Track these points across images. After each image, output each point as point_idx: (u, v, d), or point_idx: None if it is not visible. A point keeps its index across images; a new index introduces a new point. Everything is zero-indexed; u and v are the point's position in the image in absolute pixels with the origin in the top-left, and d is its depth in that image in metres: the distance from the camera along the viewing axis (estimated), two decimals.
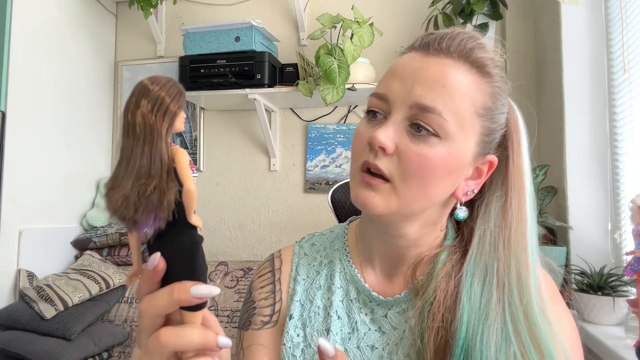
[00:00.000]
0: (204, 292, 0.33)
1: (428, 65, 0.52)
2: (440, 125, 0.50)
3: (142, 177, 0.31)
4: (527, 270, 0.52)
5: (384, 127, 0.51)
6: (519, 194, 0.56)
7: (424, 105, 0.50)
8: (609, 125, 1.41)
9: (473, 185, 0.56)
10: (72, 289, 1.65)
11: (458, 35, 0.53)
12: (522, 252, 0.53)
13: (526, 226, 0.54)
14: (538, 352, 0.48)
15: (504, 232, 0.54)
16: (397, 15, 1.99)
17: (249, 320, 0.64)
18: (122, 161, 0.32)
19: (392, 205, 0.52)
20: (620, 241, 1.31)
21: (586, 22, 1.45)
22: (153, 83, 0.34)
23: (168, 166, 0.32)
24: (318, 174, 2.01)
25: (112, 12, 2.25)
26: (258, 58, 1.80)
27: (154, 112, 0.32)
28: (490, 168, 0.56)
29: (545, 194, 1.50)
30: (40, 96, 1.77)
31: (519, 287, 0.51)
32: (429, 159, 0.50)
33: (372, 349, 0.57)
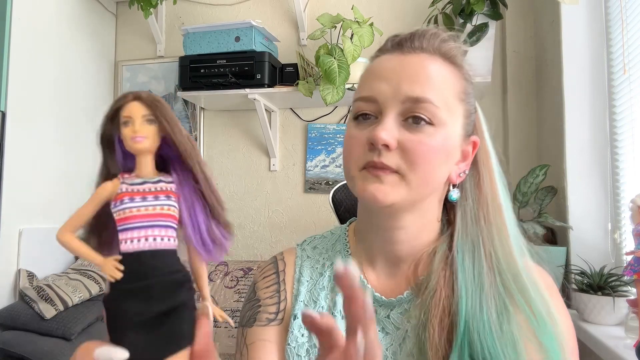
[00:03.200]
0: (105, 356, 0.28)
1: (408, 62, 0.56)
2: (433, 114, 0.54)
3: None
4: (507, 238, 0.56)
5: (383, 125, 0.53)
6: (488, 170, 0.60)
7: (417, 97, 0.53)
8: (609, 125, 1.41)
9: (463, 167, 0.59)
10: (72, 289, 1.65)
11: (425, 32, 0.58)
12: (501, 222, 0.57)
13: (500, 199, 0.59)
14: (532, 313, 0.51)
15: (482, 207, 0.58)
16: (397, 15, 1.99)
17: (253, 317, 0.64)
18: None
19: (401, 192, 0.54)
20: (620, 241, 1.31)
21: (586, 22, 1.45)
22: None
23: None
24: (318, 174, 2.01)
25: (112, 12, 2.25)
26: (258, 58, 1.80)
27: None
28: (474, 148, 0.60)
29: (545, 194, 1.50)
30: (40, 96, 1.77)
31: (504, 255, 0.55)
32: (430, 146, 0.53)
33: None
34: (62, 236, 0.30)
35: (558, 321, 0.53)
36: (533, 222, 1.41)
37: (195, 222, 0.32)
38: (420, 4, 1.93)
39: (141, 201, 0.30)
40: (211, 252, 0.32)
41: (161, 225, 0.31)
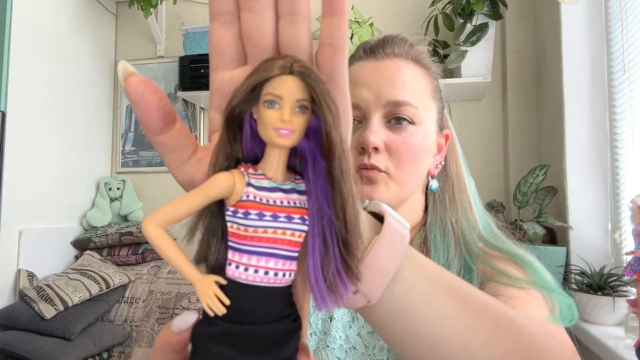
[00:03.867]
0: (180, 323, 0.25)
1: (384, 67, 0.60)
2: (414, 114, 0.58)
3: None
4: (472, 212, 0.61)
5: (371, 129, 0.57)
6: (454, 156, 0.65)
7: (397, 100, 0.57)
8: (609, 125, 1.41)
9: (439, 159, 0.64)
10: (72, 289, 1.65)
11: (395, 39, 0.62)
12: (465, 201, 0.62)
13: (464, 180, 0.64)
14: (498, 266, 0.54)
15: (448, 189, 0.63)
16: (397, 15, 1.99)
17: None
18: None
19: (392, 190, 0.57)
20: (620, 241, 1.31)
21: (586, 22, 1.45)
22: None
23: None
24: None
25: (112, 12, 2.25)
26: None
27: None
28: (446, 140, 0.64)
29: (545, 194, 1.50)
30: (40, 96, 1.77)
31: (468, 227, 0.59)
32: (413, 144, 0.57)
33: (371, 334, 0.59)
34: (150, 229, 0.22)
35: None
36: (533, 222, 1.41)
37: (319, 256, 0.23)
38: (420, 4, 1.93)
39: (272, 221, 0.23)
40: (325, 299, 0.24)
41: (286, 257, 0.23)
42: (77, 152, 1.98)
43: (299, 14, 0.23)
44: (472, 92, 1.80)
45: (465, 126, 1.90)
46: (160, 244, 0.22)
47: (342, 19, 0.23)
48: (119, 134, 2.23)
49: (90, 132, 2.09)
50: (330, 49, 0.24)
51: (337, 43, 0.24)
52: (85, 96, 2.05)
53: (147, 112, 0.25)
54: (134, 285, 1.82)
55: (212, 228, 0.24)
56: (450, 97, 1.87)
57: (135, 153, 2.21)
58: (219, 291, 0.22)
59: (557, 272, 1.35)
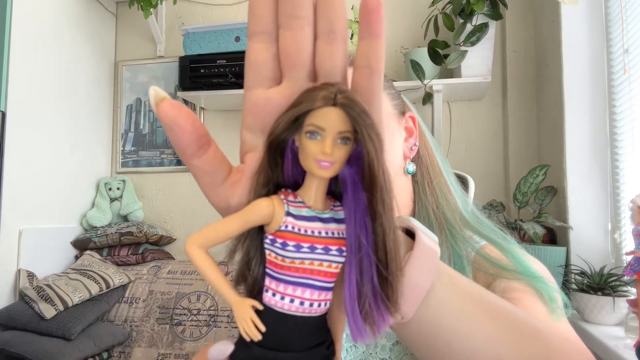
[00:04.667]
0: (216, 352, 0.25)
1: None
2: None
3: None
4: (450, 194, 0.62)
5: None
6: (423, 139, 0.66)
7: None
8: (609, 125, 1.41)
9: (413, 141, 0.65)
10: (72, 289, 1.65)
11: None
12: (443, 184, 0.63)
13: (438, 164, 0.65)
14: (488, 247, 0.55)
15: (426, 176, 0.64)
16: (397, 15, 1.99)
17: None
18: None
19: None
20: (620, 241, 1.31)
21: (586, 22, 1.45)
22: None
23: None
24: None
25: (112, 12, 2.25)
26: None
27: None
28: (414, 122, 0.66)
29: (545, 194, 1.50)
30: (40, 96, 1.77)
31: (450, 210, 0.60)
32: None
33: None
34: (192, 250, 0.23)
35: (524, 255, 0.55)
36: (533, 222, 1.41)
37: (355, 287, 0.23)
38: (420, 4, 1.93)
39: (309, 252, 0.23)
40: (361, 331, 0.23)
41: (322, 287, 0.23)
42: (77, 152, 1.98)
43: (337, 34, 0.23)
44: (472, 92, 1.80)
45: (465, 126, 1.90)
46: (201, 265, 0.23)
47: (380, 41, 0.23)
48: (119, 134, 2.23)
49: (90, 132, 2.09)
50: (367, 71, 0.24)
51: (375, 65, 0.24)
52: (85, 96, 2.05)
53: (181, 136, 0.25)
54: (134, 285, 1.82)
55: (251, 251, 0.24)
56: (450, 97, 1.87)
57: (135, 153, 2.21)
58: (255, 317, 0.22)
59: (557, 272, 1.35)
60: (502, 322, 0.29)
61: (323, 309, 0.24)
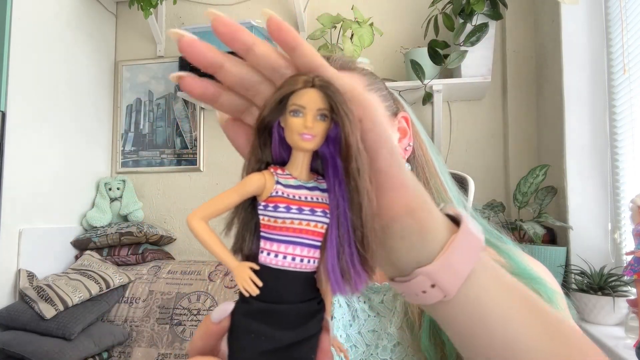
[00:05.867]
0: (218, 313, 0.27)
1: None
2: None
3: None
4: (447, 196, 0.62)
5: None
6: (417, 139, 0.67)
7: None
8: (609, 125, 1.41)
9: (407, 141, 0.65)
10: (72, 289, 1.65)
11: None
12: (439, 184, 0.63)
13: (433, 163, 0.65)
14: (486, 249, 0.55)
15: (422, 176, 0.64)
16: (397, 15, 1.99)
17: None
18: None
19: None
20: (620, 241, 1.31)
21: (586, 22, 1.45)
22: None
23: None
24: None
25: (112, 12, 2.25)
26: None
27: None
28: (407, 122, 0.66)
29: (545, 194, 1.50)
30: (40, 96, 1.77)
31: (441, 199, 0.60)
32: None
33: (372, 332, 0.60)
34: (195, 223, 0.26)
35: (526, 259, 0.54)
36: (533, 222, 1.41)
37: (335, 246, 0.26)
38: (420, 4, 1.93)
39: (297, 213, 0.26)
40: (340, 285, 0.26)
41: (310, 245, 0.27)
42: (77, 152, 1.98)
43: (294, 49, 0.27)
44: (472, 92, 1.80)
45: (465, 126, 1.90)
46: (203, 236, 0.26)
47: (300, 48, 0.27)
48: (119, 134, 2.23)
49: (90, 132, 2.09)
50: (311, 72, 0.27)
51: (312, 67, 0.27)
52: (85, 96, 2.05)
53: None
54: (134, 285, 1.82)
55: (246, 222, 0.27)
56: (450, 97, 1.87)
57: (135, 153, 2.21)
58: (253, 275, 0.26)
59: (557, 272, 1.35)
60: (542, 320, 0.31)
61: (312, 265, 0.27)
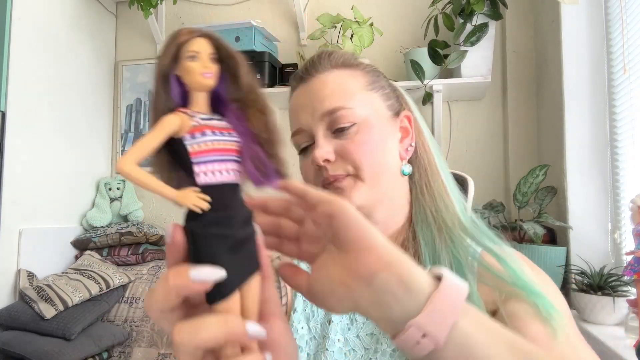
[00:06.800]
0: (203, 275, 0.29)
1: (310, 86, 0.63)
2: (351, 115, 0.59)
3: None
4: (448, 197, 0.61)
5: (316, 146, 0.60)
6: (421, 139, 0.66)
7: (330, 109, 0.59)
8: (609, 125, 1.41)
9: (409, 141, 0.64)
10: (72, 289, 1.65)
11: (314, 59, 0.65)
12: (441, 184, 0.62)
13: (436, 165, 0.64)
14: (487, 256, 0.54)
15: (424, 177, 0.63)
16: (397, 15, 1.99)
17: None
18: None
19: (363, 192, 0.58)
20: (620, 241, 1.31)
21: (586, 22, 1.45)
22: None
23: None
24: None
25: (112, 12, 2.25)
26: (258, 58, 1.80)
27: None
28: (409, 121, 0.65)
29: (545, 194, 1.50)
30: (40, 96, 1.77)
31: (447, 213, 0.59)
32: (361, 141, 0.59)
33: (371, 336, 0.60)
34: (126, 167, 0.28)
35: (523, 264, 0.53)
36: (533, 222, 1.41)
37: (248, 152, 0.33)
38: (420, 4, 1.93)
39: (220, 136, 0.31)
40: (258, 180, 0.34)
41: (233, 160, 0.32)
42: (77, 152, 1.98)
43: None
44: (472, 92, 1.80)
45: (465, 126, 1.90)
46: (138, 176, 0.28)
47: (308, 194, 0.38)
48: (119, 134, 2.23)
49: (90, 132, 2.09)
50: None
51: (318, 199, 0.38)
52: (85, 96, 2.05)
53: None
54: (134, 285, 1.82)
55: (168, 163, 0.31)
56: (450, 97, 1.87)
57: None
58: (201, 194, 0.30)
59: (557, 272, 1.35)
60: (518, 354, 0.34)
61: (238, 177, 0.32)
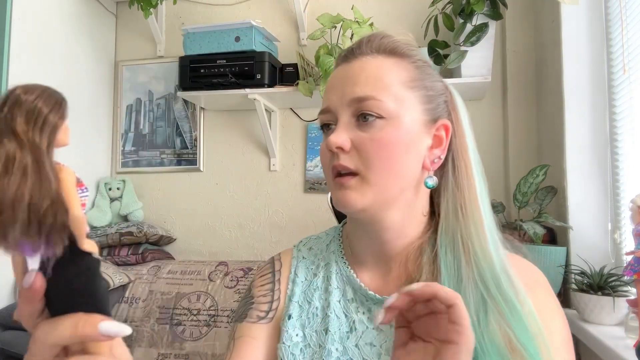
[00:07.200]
0: (114, 330, 0.30)
1: (350, 68, 0.59)
2: (379, 107, 0.55)
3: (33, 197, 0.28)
4: (484, 230, 0.56)
5: (335, 131, 0.57)
6: (464, 159, 0.60)
7: (359, 97, 0.56)
8: (609, 125, 1.41)
9: (439, 152, 0.59)
10: None
11: (365, 38, 0.61)
12: (478, 214, 0.57)
13: (477, 190, 0.58)
14: (505, 304, 0.51)
15: (459, 198, 0.58)
16: (397, 15, 1.99)
17: (245, 313, 0.66)
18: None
19: (367, 195, 0.55)
20: (620, 241, 1.31)
21: (586, 22, 1.45)
22: (27, 93, 0.29)
23: (57, 187, 0.29)
24: (318, 174, 2.01)
25: (112, 12, 2.25)
26: (258, 58, 1.80)
27: (30, 126, 0.29)
28: (447, 132, 0.60)
29: (545, 194, 1.50)
30: None
31: (480, 247, 0.55)
32: (382, 140, 0.55)
33: (370, 346, 0.58)
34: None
35: (534, 314, 0.52)
36: (533, 222, 1.41)
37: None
38: (420, 4, 1.93)
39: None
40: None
41: None
42: (77, 152, 1.98)
43: None
44: (472, 92, 1.80)
45: None
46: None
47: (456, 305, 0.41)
48: (119, 134, 2.23)
49: (90, 132, 2.09)
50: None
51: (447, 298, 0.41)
52: (85, 96, 2.05)
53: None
54: (134, 285, 1.82)
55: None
56: None
57: (135, 153, 2.21)
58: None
59: (557, 272, 1.35)
60: None
61: None
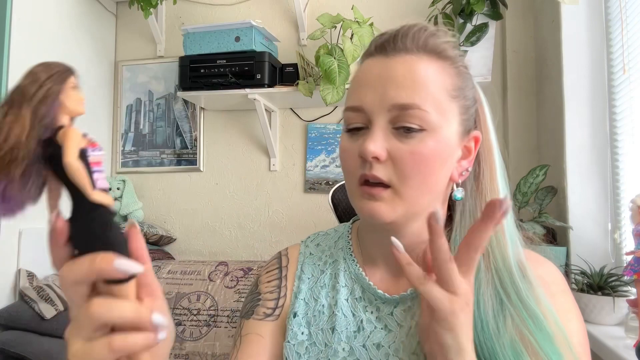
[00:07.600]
0: (126, 267, 0.32)
1: (392, 65, 0.53)
2: (423, 119, 0.51)
3: None
4: (504, 236, 0.53)
5: (371, 137, 0.52)
6: (489, 164, 0.58)
7: (403, 104, 0.51)
8: (609, 125, 1.41)
9: (466, 164, 0.57)
10: None
11: (409, 30, 0.54)
12: (499, 228, 0.54)
13: (500, 195, 0.56)
14: (527, 312, 0.50)
15: (479, 203, 0.56)
16: (397, 15, 1.99)
17: (252, 309, 0.65)
18: None
19: (398, 210, 0.53)
20: (620, 241, 1.31)
21: (586, 22, 1.45)
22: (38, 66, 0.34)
23: (28, 133, 0.32)
24: (318, 174, 2.01)
25: (112, 12, 2.25)
26: (258, 58, 1.80)
27: (27, 82, 0.33)
28: (476, 143, 0.57)
29: (545, 194, 1.50)
30: None
31: (500, 253, 0.53)
32: (422, 154, 0.51)
33: (378, 347, 0.57)
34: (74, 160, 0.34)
35: (557, 320, 0.51)
36: (533, 222, 1.41)
37: None
38: (420, 4, 1.93)
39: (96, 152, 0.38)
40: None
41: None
42: None
43: None
44: None
45: None
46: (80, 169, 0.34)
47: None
48: (119, 134, 2.23)
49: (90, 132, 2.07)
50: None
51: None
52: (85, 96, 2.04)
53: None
54: None
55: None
56: None
57: (135, 153, 2.21)
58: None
59: None
60: None
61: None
